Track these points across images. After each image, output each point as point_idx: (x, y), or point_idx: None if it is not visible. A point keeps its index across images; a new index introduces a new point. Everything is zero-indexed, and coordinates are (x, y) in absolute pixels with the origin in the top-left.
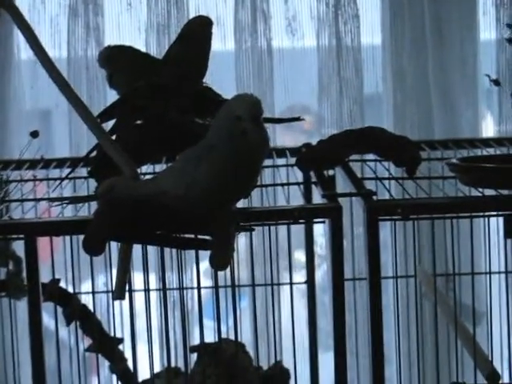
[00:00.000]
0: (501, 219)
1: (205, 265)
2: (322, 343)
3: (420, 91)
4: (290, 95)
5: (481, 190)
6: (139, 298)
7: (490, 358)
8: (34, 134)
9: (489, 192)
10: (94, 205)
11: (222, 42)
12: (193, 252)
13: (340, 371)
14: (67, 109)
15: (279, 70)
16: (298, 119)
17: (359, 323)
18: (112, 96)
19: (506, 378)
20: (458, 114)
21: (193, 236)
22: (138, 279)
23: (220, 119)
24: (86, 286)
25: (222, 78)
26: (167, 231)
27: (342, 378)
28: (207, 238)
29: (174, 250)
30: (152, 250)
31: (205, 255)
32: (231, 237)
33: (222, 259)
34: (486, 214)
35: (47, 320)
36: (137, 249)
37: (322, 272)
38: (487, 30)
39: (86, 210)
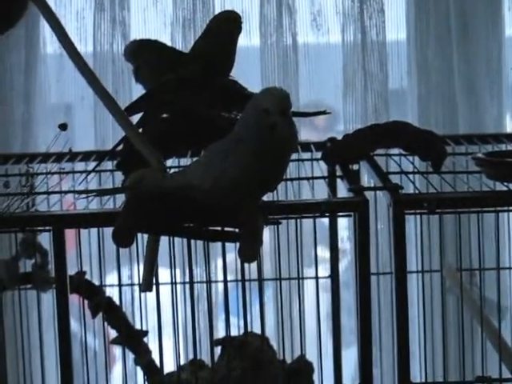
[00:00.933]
0: None
1: (228, 258)
2: (343, 339)
3: (445, 86)
4: (315, 90)
5: (506, 184)
6: (163, 292)
7: None
8: (63, 127)
9: None
10: (119, 198)
11: (247, 36)
12: (217, 246)
13: (365, 365)
14: (93, 101)
15: (304, 64)
16: (323, 113)
17: (382, 318)
18: (138, 90)
19: None
20: (482, 109)
21: (220, 228)
22: (162, 275)
23: (248, 113)
24: (109, 280)
25: (248, 72)
26: (195, 224)
27: (367, 371)
28: (235, 230)
29: (198, 244)
30: (177, 245)
31: (231, 248)
32: (259, 229)
33: (250, 251)
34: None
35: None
36: (163, 244)
37: (343, 268)
38: None
39: (112, 204)
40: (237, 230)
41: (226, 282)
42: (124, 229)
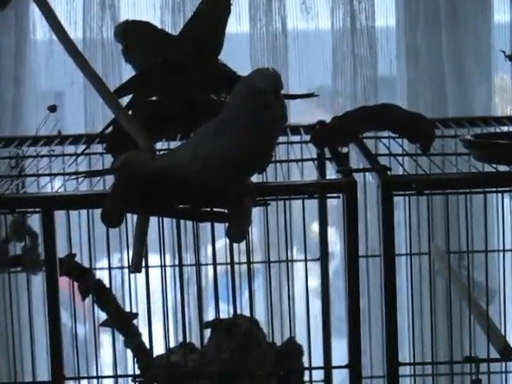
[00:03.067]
0: None
1: (219, 244)
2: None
3: (434, 70)
4: (305, 74)
5: (494, 166)
6: (154, 276)
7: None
8: (52, 109)
9: (502, 168)
10: (109, 180)
11: (236, 21)
12: (207, 231)
13: (354, 346)
14: (83, 85)
15: (294, 48)
16: (312, 95)
17: (372, 300)
18: (127, 73)
19: None
20: (471, 92)
21: (209, 209)
22: (152, 260)
23: (240, 93)
24: (100, 264)
25: (237, 57)
26: (184, 204)
27: (355, 352)
28: (223, 211)
29: (189, 229)
30: (167, 230)
31: (220, 234)
32: (247, 209)
33: (238, 231)
34: (500, 189)
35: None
36: (153, 229)
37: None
38: (501, 11)
39: (102, 186)
40: (225, 211)
41: (215, 264)
42: (112, 209)
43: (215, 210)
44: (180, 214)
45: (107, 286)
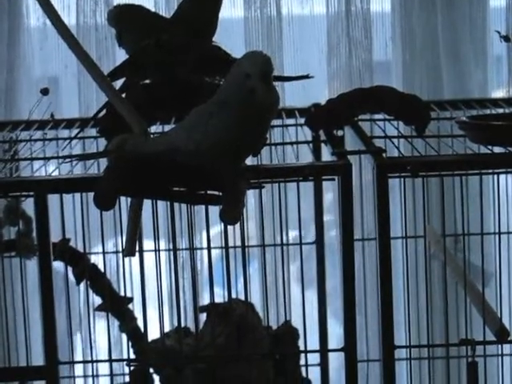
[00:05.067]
0: (510, 177)
1: (214, 230)
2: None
3: (429, 53)
4: (300, 58)
5: (490, 147)
6: (149, 261)
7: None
8: (45, 91)
9: (498, 150)
10: (103, 163)
11: (231, 4)
12: (202, 216)
13: (349, 329)
14: (76, 70)
15: (288, 32)
16: (306, 77)
17: (368, 284)
18: (121, 57)
19: None
20: (467, 75)
21: (203, 191)
22: (147, 246)
23: (231, 77)
24: (96, 250)
25: (232, 42)
26: (178, 187)
27: (351, 335)
28: (218, 193)
29: (183, 214)
30: (162, 216)
31: (215, 221)
32: (241, 192)
33: (232, 213)
34: (496, 171)
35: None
36: (147, 216)
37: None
38: None
39: (96, 169)
40: (219, 193)
41: (209, 248)
42: (105, 192)
43: (209, 192)
44: (174, 197)
45: (102, 270)
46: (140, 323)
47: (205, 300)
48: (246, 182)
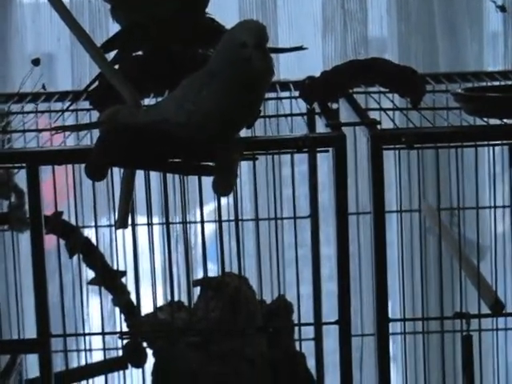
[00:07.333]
0: (505, 149)
1: (209, 208)
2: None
3: (425, 25)
4: (294, 30)
5: (485, 119)
6: (142, 235)
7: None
8: (36, 62)
9: (494, 122)
10: (96, 135)
11: None
12: (196, 193)
13: (343, 302)
14: (69, 42)
15: (283, 5)
16: (300, 48)
17: (363, 258)
18: (114, 30)
19: (510, 308)
20: (463, 48)
21: (196, 162)
22: (141, 221)
23: (223, 46)
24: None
25: (225, 15)
26: (170, 158)
27: (345, 308)
28: (210, 164)
29: (177, 188)
30: (155, 190)
31: (210, 198)
32: (234, 162)
33: (224, 184)
34: (491, 143)
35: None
36: (140, 188)
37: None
38: None
39: (89, 141)
40: (212, 164)
41: (202, 222)
42: (97, 163)
43: (202, 163)
44: (166, 167)
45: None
46: (133, 297)
47: (199, 275)
48: (239, 154)
